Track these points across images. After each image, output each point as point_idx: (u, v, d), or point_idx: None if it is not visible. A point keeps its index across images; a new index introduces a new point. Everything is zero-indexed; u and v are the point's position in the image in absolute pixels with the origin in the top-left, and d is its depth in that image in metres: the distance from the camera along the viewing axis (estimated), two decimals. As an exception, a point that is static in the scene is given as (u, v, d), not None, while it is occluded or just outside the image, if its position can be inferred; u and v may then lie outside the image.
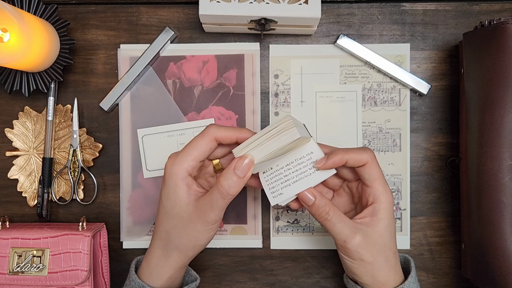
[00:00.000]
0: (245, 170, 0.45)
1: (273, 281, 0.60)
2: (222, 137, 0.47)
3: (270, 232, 0.59)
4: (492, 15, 0.58)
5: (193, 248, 0.49)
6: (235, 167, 0.45)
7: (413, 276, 0.50)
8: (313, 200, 0.48)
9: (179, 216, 0.47)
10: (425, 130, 0.59)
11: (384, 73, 0.58)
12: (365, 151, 0.48)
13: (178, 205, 0.47)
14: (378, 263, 0.48)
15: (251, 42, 0.58)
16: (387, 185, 0.49)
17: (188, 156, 0.46)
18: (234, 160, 0.45)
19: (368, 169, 0.48)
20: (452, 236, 0.59)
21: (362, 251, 0.47)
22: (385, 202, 0.48)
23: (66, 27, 0.56)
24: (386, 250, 0.48)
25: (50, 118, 0.57)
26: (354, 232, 0.47)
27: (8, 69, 0.55)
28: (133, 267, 0.51)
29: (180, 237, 0.48)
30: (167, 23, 0.58)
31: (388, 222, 0.48)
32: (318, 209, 0.48)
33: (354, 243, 0.47)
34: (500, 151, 0.48)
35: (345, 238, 0.47)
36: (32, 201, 0.59)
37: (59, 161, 0.59)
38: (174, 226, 0.47)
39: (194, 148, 0.46)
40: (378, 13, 0.58)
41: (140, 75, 0.58)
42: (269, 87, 0.59)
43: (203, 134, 0.47)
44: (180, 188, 0.46)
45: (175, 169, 0.46)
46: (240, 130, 0.47)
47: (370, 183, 0.48)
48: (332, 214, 0.47)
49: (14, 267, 0.53)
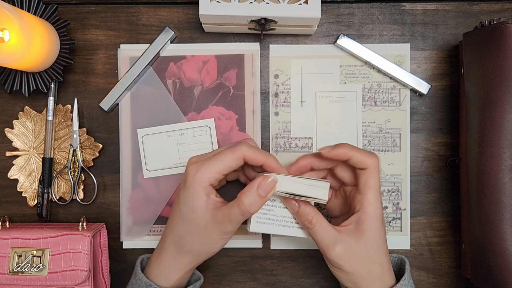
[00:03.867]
0: (268, 190, 0.45)
1: (273, 281, 0.60)
2: (250, 158, 0.47)
3: (270, 232, 0.59)
4: (492, 15, 0.58)
5: (206, 254, 0.50)
6: (259, 186, 0.45)
7: (406, 279, 0.49)
8: (297, 208, 0.48)
9: (196, 223, 0.47)
10: (425, 130, 0.59)
11: (384, 73, 0.58)
12: (371, 157, 0.48)
13: (196, 212, 0.47)
14: (358, 274, 0.48)
15: (251, 42, 0.58)
16: (379, 198, 0.48)
17: (213, 168, 0.46)
18: (258, 179, 0.45)
19: (367, 175, 0.47)
20: (452, 236, 0.59)
21: (341, 262, 0.47)
22: (371, 213, 0.47)
23: (66, 27, 0.56)
24: (369, 262, 0.48)
25: (50, 118, 0.57)
26: (335, 243, 0.47)
27: (8, 69, 0.55)
28: (139, 265, 0.52)
29: (194, 244, 0.48)
30: (167, 23, 0.58)
31: (372, 235, 0.47)
32: (302, 217, 0.48)
33: (333, 254, 0.47)
34: (500, 151, 0.48)
35: (324, 248, 0.47)
36: (32, 201, 0.59)
37: (59, 161, 0.59)
38: (189, 232, 0.48)
39: (221, 161, 0.46)
40: (378, 13, 0.58)
41: (140, 75, 0.58)
42: (269, 87, 0.59)
43: (233, 150, 0.47)
44: (200, 196, 0.46)
45: (198, 177, 0.46)
46: (267, 156, 0.47)
47: (363, 190, 0.48)
48: (314, 223, 0.47)
49: (14, 267, 0.53)
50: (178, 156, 0.58)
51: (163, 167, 0.58)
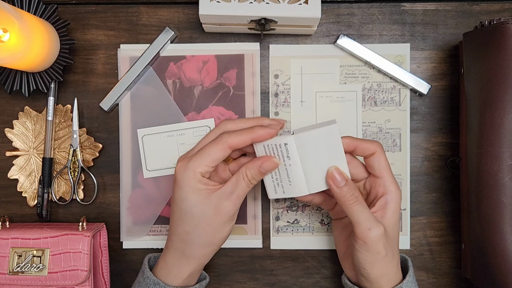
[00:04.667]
0: (268, 170, 0.48)
1: (273, 281, 0.60)
2: (235, 144, 0.47)
3: (270, 232, 0.59)
4: (492, 15, 0.58)
5: (217, 243, 0.50)
6: (262, 166, 0.48)
7: (410, 275, 0.50)
8: (344, 183, 0.47)
9: (201, 214, 0.47)
10: (425, 130, 0.59)
11: (384, 73, 0.58)
12: (374, 142, 0.49)
13: (196, 205, 0.47)
14: (388, 257, 0.48)
15: (251, 42, 0.58)
16: (395, 178, 0.49)
17: (200, 162, 0.47)
18: (262, 158, 0.48)
19: (377, 158, 0.48)
20: (452, 236, 0.59)
21: (381, 243, 0.46)
22: (396, 193, 0.48)
23: (66, 27, 0.56)
24: (395, 245, 0.49)
25: (50, 118, 0.57)
26: (378, 222, 0.47)
27: (8, 69, 0.55)
28: (147, 264, 0.52)
29: (204, 235, 0.48)
30: (167, 23, 0.58)
31: (398, 215, 0.49)
32: (348, 192, 0.47)
33: (378, 233, 0.46)
34: (500, 151, 0.48)
35: (370, 226, 0.46)
36: (32, 201, 0.59)
37: (59, 161, 0.59)
38: (196, 225, 0.48)
39: (207, 155, 0.47)
40: (378, 13, 0.58)
41: (140, 75, 0.58)
42: (269, 87, 0.59)
43: (217, 142, 0.47)
44: (194, 189, 0.47)
45: (188, 173, 0.47)
46: (251, 131, 0.47)
47: (380, 172, 0.49)
48: (361, 198, 0.47)
49: (14, 267, 0.53)
50: (178, 156, 0.58)
51: (163, 167, 0.58)
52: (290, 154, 0.48)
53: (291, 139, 0.47)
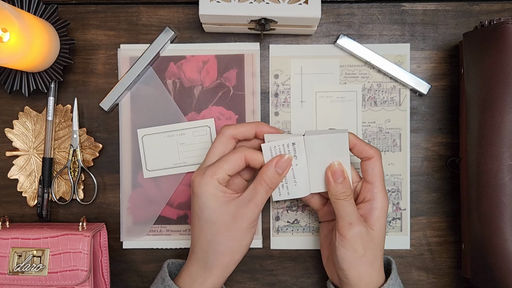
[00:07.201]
0: (283, 167, 0.48)
1: (273, 281, 0.60)
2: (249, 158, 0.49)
3: (270, 232, 0.59)
4: (492, 15, 0.58)
5: (240, 250, 0.50)
6: (276, 165, 0.48)
7: (392, 278, 0.50)
8: (341, 180, 0.48)
9: (221, 220, 0.48)
10: (425, 130, 0.59)
11: (384, 73, 0.58)
12: (374, 148, 0.50)
13: (216, 211, 0.48)
14: (367, 259, 0.48)
15: (251, 42, 0.58)
16: (385, 189, 0.50)
17: (217, 168, 0.48)
18: (275, 158, 0.48)
19: (373, 164, 0.49)
20: (452, 236, 0.59)
21: (359, 241, 0.47)
22: (383, 201, 0.49)
23: (66, 27, 0.56)
24: (377, 250, 0.49)
25: (50, 118, 0.57)
26: (361, 220, 0.48)
27: (8, 69, 0.55)
28: (166, 271, 0.51)
29: (226, 241, 0.48)
30: (167, 23, 0.58)
31: (383, 223, 0.49)
32: (342, 189, 0.48)
33: (357, 230, 0.47)
34: (500, 151, 0.48)
35: (351, 221, 0.47)
36: (32, 201, 0.59)
37: (59, 161, 0.59)
38: (216, 232, 0.48)
39: (224, 162, 0.48)
40: (378, 13, 0.58)
41: (140, 75, 0.58)
42: (269, 87, 0.59)
43: (235, 151, 0.49)
44: (213, 195, 0.47)
45: (204, 181, 0.47)
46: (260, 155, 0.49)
47: (372, 178, 0.49)
48: (351, 197, 0.48)
49: (14, 267, 0.53)
50: (178, 156, 0.58)
51: (163, 167, 0.58)
52: (297, 154, 0.49)
53: (301, 139, 0.48)
